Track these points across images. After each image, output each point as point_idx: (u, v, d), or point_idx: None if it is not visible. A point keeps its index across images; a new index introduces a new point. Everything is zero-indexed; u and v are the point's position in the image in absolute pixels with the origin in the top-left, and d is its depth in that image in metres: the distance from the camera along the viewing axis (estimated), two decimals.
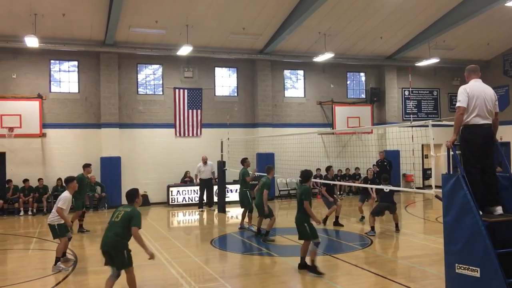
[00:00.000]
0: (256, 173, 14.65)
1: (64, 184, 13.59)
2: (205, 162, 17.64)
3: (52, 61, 18.69)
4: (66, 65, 19.00)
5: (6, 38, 16.86)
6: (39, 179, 17.56)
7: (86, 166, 13.48)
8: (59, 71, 18.95)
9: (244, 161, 13.74)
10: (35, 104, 17.87)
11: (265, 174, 11.71)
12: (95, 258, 9.76)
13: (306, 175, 8.71)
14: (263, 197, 11.32)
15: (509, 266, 5.48)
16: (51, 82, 18.69)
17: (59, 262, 8.85)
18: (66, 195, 9.13)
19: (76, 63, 18.95)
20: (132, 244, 6.65)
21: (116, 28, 16.93)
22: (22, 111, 17.52)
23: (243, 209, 13.12)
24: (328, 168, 13.63)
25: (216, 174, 17.76)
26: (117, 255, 6.60)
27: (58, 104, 18.56)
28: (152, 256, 6.72)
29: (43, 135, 18.07)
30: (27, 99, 17.83)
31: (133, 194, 7.04)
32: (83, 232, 13.03)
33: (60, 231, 9.02)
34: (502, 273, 5.34)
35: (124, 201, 20.40)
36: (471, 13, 17.46)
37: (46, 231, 11.34)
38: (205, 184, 17.61)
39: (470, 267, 5.67)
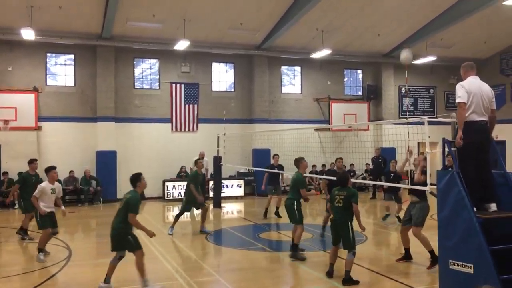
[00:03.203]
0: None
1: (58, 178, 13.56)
2: (202, 157, 17.56)
3: (48, 54, 18.60)
4: (62, 58, 18.91)
5: (2, 30, 16.76)
6: None
7: (30, 162, 11.06)
8: (55, 64, 18.86)
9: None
10: (31, 97, 17.79)
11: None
12: (87, 251, 9.77)
13: (345, 178, 7.85)
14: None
15: (503, 263, 5.48)
16: (47, 75, 18.60)
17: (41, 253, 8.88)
18: None
19: (72, 56, 18.88)
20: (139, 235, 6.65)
21: (113, 21, 16.85)
22: (17, 104, 17.45)
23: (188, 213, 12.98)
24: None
25: (210, 171, 17.71)
26: (121, 240, 6.94)
27: (54, 97, 18.48)
28: (152, 235, 7.02)
29: (38, 128, 17.99)
30: (22, 92, 17.73)
31: (134, 178, 7.19)
32: (24, 239, 10.88)
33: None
34: (495, 270, 5.35)
35: (119, 195, 20.52)
36: (469, 12, 17.50)
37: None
38: None
39: (464, 264, 5.69)
